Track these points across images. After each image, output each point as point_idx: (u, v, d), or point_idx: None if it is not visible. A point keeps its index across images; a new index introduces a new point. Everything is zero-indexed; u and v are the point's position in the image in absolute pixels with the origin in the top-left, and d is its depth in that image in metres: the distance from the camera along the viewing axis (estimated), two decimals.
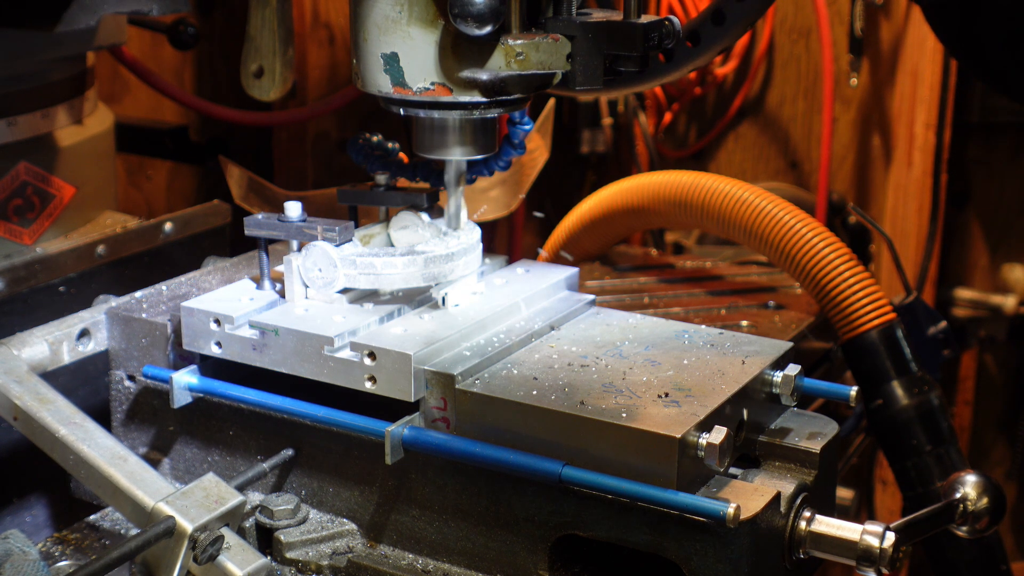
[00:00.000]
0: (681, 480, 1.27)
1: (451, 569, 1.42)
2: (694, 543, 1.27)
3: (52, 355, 1.57)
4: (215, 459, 1.56)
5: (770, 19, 3.35)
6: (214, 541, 1.28)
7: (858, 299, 1.95)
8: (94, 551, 1.50)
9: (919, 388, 1.94)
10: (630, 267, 2.36)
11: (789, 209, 2.01)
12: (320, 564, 1.42)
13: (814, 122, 3.37)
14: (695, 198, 2.08)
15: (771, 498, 1.31)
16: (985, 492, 1.44)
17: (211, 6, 3.03)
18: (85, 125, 2.03)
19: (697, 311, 2.13)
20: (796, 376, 1.46)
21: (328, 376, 1.43)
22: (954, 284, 3.41)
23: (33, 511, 1.81)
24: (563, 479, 1.29)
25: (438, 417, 1.39)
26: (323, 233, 1.49)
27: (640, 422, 1.29)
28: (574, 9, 1.42)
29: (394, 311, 1.50)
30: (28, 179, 1.89)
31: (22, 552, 1.32)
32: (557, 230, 2.34)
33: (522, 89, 1.43)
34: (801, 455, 1.41)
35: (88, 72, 2.06)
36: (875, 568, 1.31)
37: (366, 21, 1.44)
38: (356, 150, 1.63)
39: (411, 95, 1.44)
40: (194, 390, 1.51)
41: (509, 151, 1.58)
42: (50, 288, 1.83)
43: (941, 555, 1.98)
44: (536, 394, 1.36)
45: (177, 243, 2.02)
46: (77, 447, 1.40)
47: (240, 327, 1.48)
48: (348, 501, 1.48)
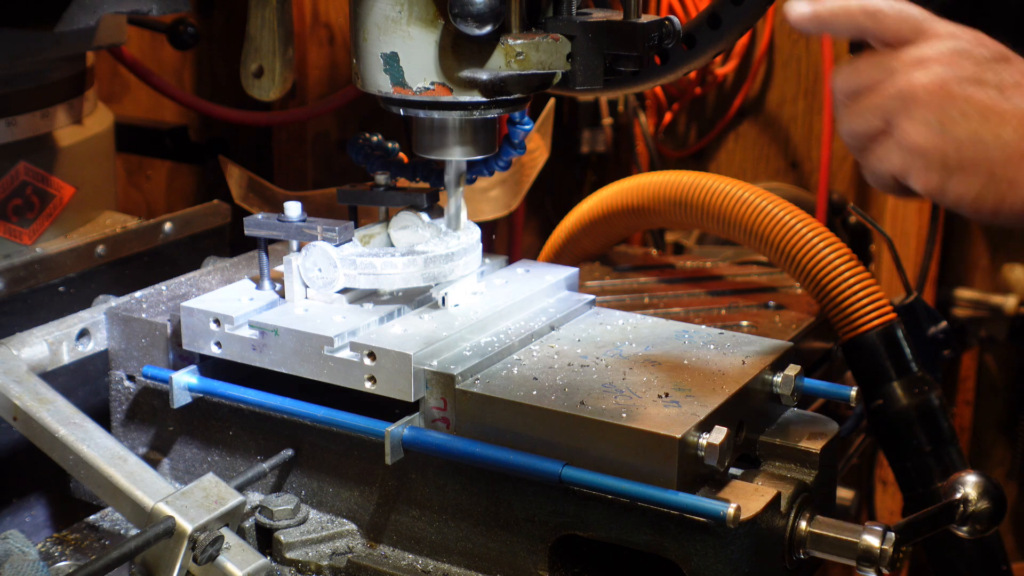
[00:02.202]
0: (681, 480, 1.27)
1: (451, 569, 1.42)
2: (694, 543, 1.27)
3: (52, 355, 1.57)
4: (215, 459, 1.56)
5: (770, 19, 3.34)
6: (214, 541, 1.28)
7: (858, 299, 1.94)
8: (94, 551, 1.50)
9: (919, 388, 1.94)
10: (630, 267, 2.36)
11: (789, 209, 2.00)
12: (320, 564, 1.42)
13: (814, 122, 3.37)
14: (695, 198, 2.08)
15: (771, 498, 1.31)
16: (985, 492, 1.44)
17: (211, 6, 3.03)
18: (85, 125, 2.03)
19: (697, 311, 2.13)
20: (796, 376, 1.46)
21: (328, 376, 1.42)
22: (954, 284, 3.41)
23: (33, 511, 1.80)
24: (563, 479, 1.29)
25: (438, 417, 1.39)
26: (323, 233, 1.49)
27: (640, 422, 1.29)
28: (574, 9, 1.42)
29: (394, 311, 1.50)
30: (28, 179, 1.89)
31: (22, 552, 1.32)
32: (557, 230, 2.34)
33: (522, 89, 1.43)
34: (801, 455, 1.41)
35: (88, 72, 2.06)
36: (875, 568, 1.31)
37: (366, 21, 1.44)
38: (356, 150, 1.62)
39: (411, 95, 1.44)
40: (194, 390, 1.51)
41: (509, 151, 1.58)
42: (50, 288, 1.83)
43: (941, 555, 1.98)
44: (536, 394, 1.36)
45: (177, 243, 2.02)
46: (77, 447, 1.40)
47: (240, 327, 1.48)
48: (348, 501, 1.48)
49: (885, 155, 1.28)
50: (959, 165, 1.23)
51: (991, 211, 1.23)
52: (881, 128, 1.28)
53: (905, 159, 1.26)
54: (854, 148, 1.32)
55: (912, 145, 1.25)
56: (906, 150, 1.25)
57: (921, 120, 1.24)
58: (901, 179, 1.28)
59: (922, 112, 1.24)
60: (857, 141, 1.31)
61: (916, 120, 1.25)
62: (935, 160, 1.24)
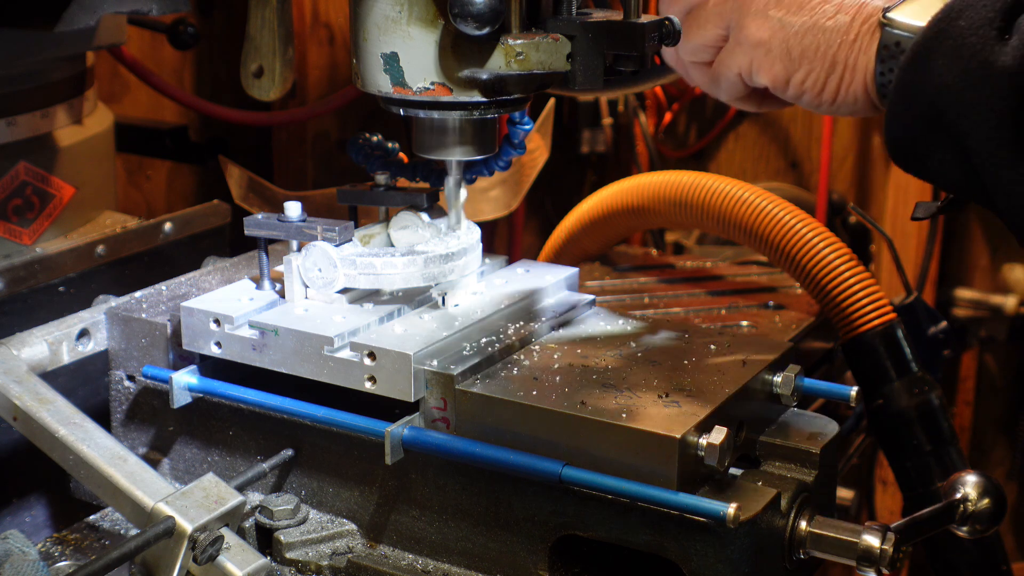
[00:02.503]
0: (681, 480, 1.27)
1: (451, 569, 1.42)
2: (694, 543, 1.27)
3: (52, 355, 1.57)
4: (215, 459, 1.56)
5: None
6: (214, 541, 1.28)
7: (858, 299, 1.95)
8: (94, 551, 1.50)
9: (919, 388, 1.94)
10: (630, 267, 2.36)
11: (789, 209, 2.00)
12: (320, 564, 1.42)
13: (814, 122, 3.37)
14: (695, 198, 2.08)
15: (771, 498, 1.31)
16: (985, 492, 1.44)
17: (211, 6, 3.03)
18: (85, 125, 2.03)
19: (697, 311, 2.13)
20: (796, 376, 1.46)
21: (328, 376, 1.42)
22: (954, 284, 3.41)
23: (33, 511, 1.80)
24: (563, 479, 1.29)
25: (438, 417, 1.39)
26: (323, 233, 1.49)
27: (640, 422, 1.29)
28: (574, 9, 1.42)
29: (394, 311, 1.50)
30: (28, 179, 1.89)
31: (22, 552, 1.32)
32: (557, 230, 2.34)
33: (522, 89, 1.43)
34: (801, 455, 1.41)
35: (88, 72, 2.06)
36: (875, 568, 1.31)
37: (366, 21, 1.44)
38: (356, 150, 1.62)
39: (411, 95, 1.44)
40: (194, 390, 1.51)
41: (509, 151, 1.57)
42: (50, 288, 1.83)
43: (941, 555, 1.98)
44: (536, 394, 1.36)
45: (177, 243, 2.02)
46: (77, 447, 1.40)
47: (240, 327, 1.48)
48: (348, 501, 1.48)
49: (729, 58, 1.34)
50: (802, 53, 1.28)
51: (832, 98, 1.29)
52: (723, 34, 1.32)
53: (749, 54, 1.32)
54: (699, 64, 1.37)
55: (755, 40, 1.30)
56: (749, 46, 1.32)
57: (760, 14, 1.30)
58: (748, 77, 1.33)
59: (760, 7, 1.30)
60: (701, 54, 1.36)
61: (755, 15, 1.30)
62: (778, 51, 1.29)
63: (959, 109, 1.13)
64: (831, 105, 1.29)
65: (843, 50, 1.26)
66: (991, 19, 1.13)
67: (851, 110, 1.29)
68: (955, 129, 1.13)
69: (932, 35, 1.16)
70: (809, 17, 1.28)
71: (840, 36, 1.26)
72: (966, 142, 1.13)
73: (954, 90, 1.13)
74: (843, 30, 1.26)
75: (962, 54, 1.13)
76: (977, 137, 1.12)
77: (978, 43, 1.12)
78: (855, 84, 1.26)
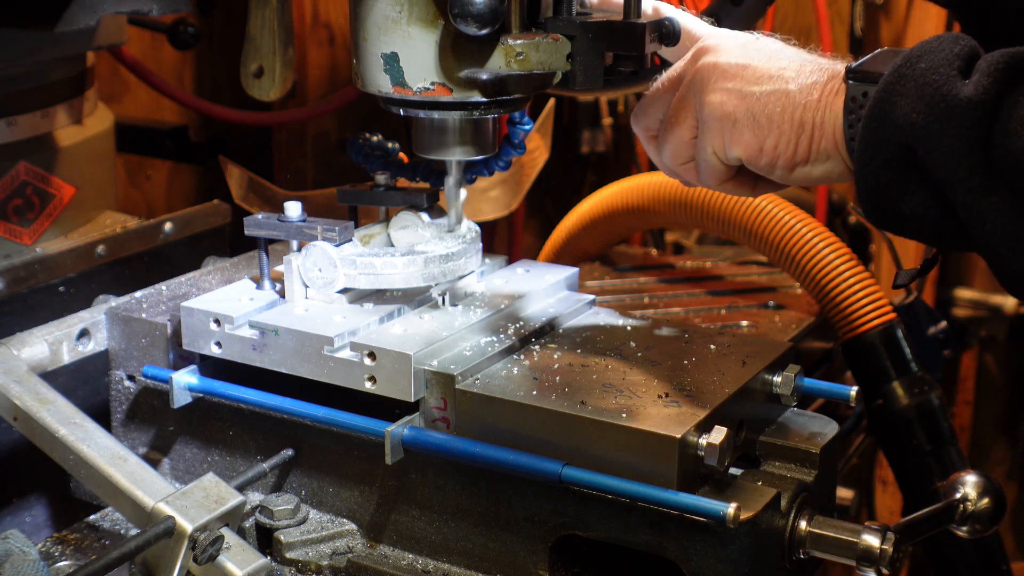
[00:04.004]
0: (681, 480, 1.27)
1: (451, 569, 1.42)
2: (694, 543, 1.27)
3: (52, 355, 1.57)
4: (215, 459, 1.56)
5: (770, 19, 3.34)
6: (214, 541, 1.28)
7: (858, 299, 1.95)
8: (94, 551, 1.50)
9: (919, 388, 1.94)
10: (630, 267, 2.36)
11: (789, 209, 2.01)
12: (320, 564, 1.42)
13: None
14: (695, 198, 2.08)
15: (771, 498, 1.31)
16: (985, 492, 1.44)
17: (211, 6, 3.03)
18: (85, 125, 2.03)
19: (697, 311, 2.13)
20: (796, 376, 1.46)
21: (328, 376, 1.42)
22: (954, 284, 3.41)
23: (33, 511, 1.80)
24: (563, 479, 1.29)
25: (438, 417, 1.39)
26: (323, 233, 1.49)
27: (640, 422, 1.29)
28: (574, 9, 1.42)
29: (394, 311, 1.50)
30: (28, 179, 1.89)
31: (22, 552, 1.32)
32: (557, 230, 2.34)
33: (522, 89, 1.43)
34: (801, 455, 1.41)
35: (88, 72, 2.06)
36: (875, 568, 1.31)
37: (366, 21, 1.44)
38: (356, 150, 1.63)
39: (411, 95, 1.44)
40: (194, 390, 1.51)
41: (509, 151, 1.58)
42: (50, 288, 1.83)
43: (941, 555, 1.98)
44: (536, 394, 1.36)
45: (177, 243, 2.02)
46: (77, 447, 1.40)
47: (240, 327, 1.48)
48: (348, 501, 1.48)
49: (702, 139, 1.35)
50: (768, 119, 1.29)
51: (805, 157, 1.29)
52: (695, 124, 1.36)
53: (719, 130, 1.33)
54: (686, 164, 1.39)
55: (720, 114, 1.32)
56: (716, 121, 1.32)
57: (720, 89, 1.32)
58: (723, 155, 1.34)
59: (720, 83, 1.32)
60: (683, 152, 1.39)
61: (715, 91, 1.32)
62: (744, 120, 1.30)
63: (927, 143, 1.15)
64: (804, 165, 1.29)
65: (809, 111, 1.27)
66: (950, 61, 1.16)
67: (824, 170, 1.29)
68: (925, 164, 1.15)
69: (894, 79, 1.19)
70: (770, 84, 1.29)
71: (804, 97, 1.27)
72: (937, 174, 1.15)
73: (920, 125, 1.15)
74: (806, 91, 1.28)
75: (924, 92, 1.16)
76: (948, 166, 1.14)
77: (940, 80, 1.15)
78: (825, 140, 1.27)
